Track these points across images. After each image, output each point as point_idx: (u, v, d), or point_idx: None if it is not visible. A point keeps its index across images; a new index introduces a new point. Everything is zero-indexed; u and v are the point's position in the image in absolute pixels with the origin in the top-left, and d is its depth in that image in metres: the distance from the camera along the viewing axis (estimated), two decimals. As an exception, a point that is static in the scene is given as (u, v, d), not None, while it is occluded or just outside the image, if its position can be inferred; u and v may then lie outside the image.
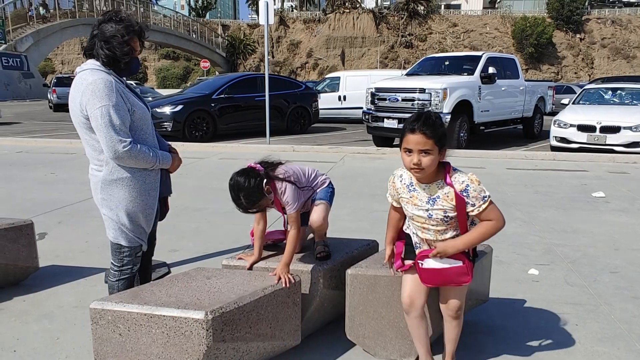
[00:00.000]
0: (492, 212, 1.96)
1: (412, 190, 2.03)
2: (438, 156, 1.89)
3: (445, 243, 2.00)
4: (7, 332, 2.70)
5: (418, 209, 2.02)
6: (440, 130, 1.88)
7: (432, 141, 1.85)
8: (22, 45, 32.76)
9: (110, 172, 2.34)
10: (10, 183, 6.64)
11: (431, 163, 1.88)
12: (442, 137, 1.88)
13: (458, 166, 2.03)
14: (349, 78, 16.62)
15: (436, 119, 1.90)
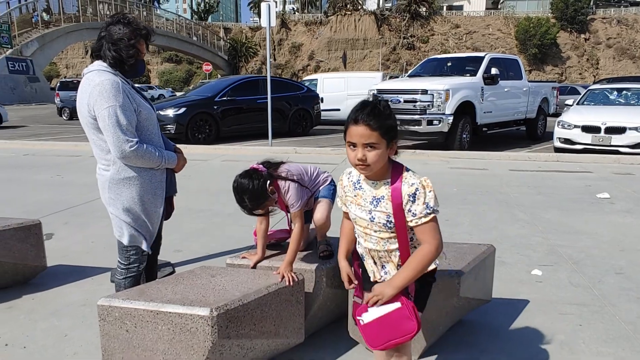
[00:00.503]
0: (431, 231, 1.66)
1: (358, 189, 1.75)
2: (386, 151, 1.63)
3: (382, 284, 1.69)
4: (17, 329, 2.75)
5: (361, 209, 1.73)
6: (388, 122, 1.62)
7: (377, 133, 1.59)
8: (28, 49, 32.99)
9: (117, 172, 2.38)
10: (18, 185, 6.72)
11: (377, 158, 1.61)
12: (389, 129, 1.62)
13: (460, 168, 2.03)
14: (327, 80, 16.89)
15: (384, 108, 1.63)
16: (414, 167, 1.74)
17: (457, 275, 2.42)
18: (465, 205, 5.54)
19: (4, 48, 31.63)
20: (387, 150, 1.64)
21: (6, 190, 6.38)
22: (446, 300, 2.44)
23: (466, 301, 2.56)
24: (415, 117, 9.46)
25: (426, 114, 9.39)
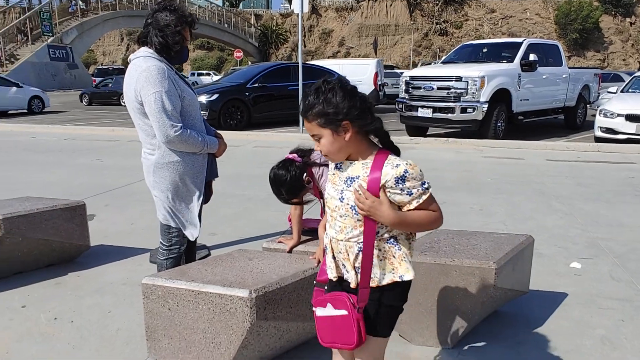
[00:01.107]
0: (434, 203, 1.53)
1: (338, 168, 1.60)
2: (341, 135, 1.47)
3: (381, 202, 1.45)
4: (65, 304, 2.89)
5: (334, 189, 1.58)
6: (320, 109, 1.45)
7: (314, 124, 1.47)
8: (68, 37, 33.90)
9: (162, 156, 2.45)
10: (61, 168, 6.98)
11: (329, 147, 1.49)
12: (323, 115, 1.45)
13: (494, 157, 1.99)
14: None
15: (319, 92, 1.46)
16: (446, 155, 1.70)
17: (495, 265, 2.39)
18: (500, 195, 5.45)
19: (46, 36, 32.59)
20: (337, 136, 1.47)
21: (51, 173, 6.64)
22: (482, 290, 2.42)
23: (503, 292, 2.53)
24: (448, 105, 9.30)
25: (460, 102, 9.22)
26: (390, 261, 1.52)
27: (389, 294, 1.54)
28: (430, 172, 6.67)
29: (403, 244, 1.53)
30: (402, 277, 1.52)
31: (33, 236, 3.22)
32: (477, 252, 2.50)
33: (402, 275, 1.52)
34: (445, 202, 5.17)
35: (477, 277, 2.38)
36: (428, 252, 2.49)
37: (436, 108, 9.48)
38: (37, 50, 31.20)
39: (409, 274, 1.52)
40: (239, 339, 2.04)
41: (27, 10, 34.93)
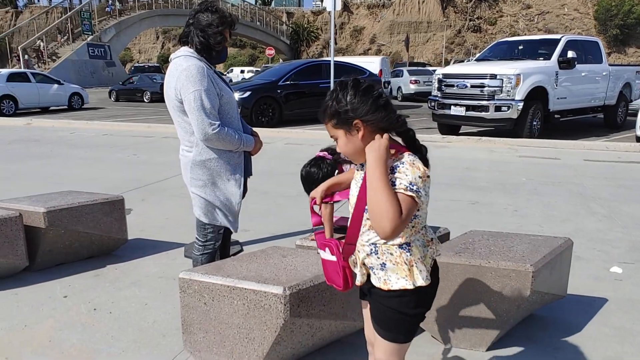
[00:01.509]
0: (403, 202, 1.34)
1: (360, 167, 1.58)
2: (350, 136, 1.45)
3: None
4: (104, 295, 2.99)
5: (355, 185, 1.56)
6: (334, 109, 1.44)
7: (330, 124, 1.47)
8: (106, 36, 34.95)
9: (199, 153, 2.50)
10: (100, 163, 7.21)
11: (345, 147, 1.48)
12: (340, 113, 1.43)
13: (529, 157, 1.92)
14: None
15: (332, 93, 1.47)
16: (479, 154, 1.66)
17: (532, 268, 2.34)
18: (535, 196, 5.32)
19: (86, 35, 33.67)
20: (350, 136, 1.45)
21: (90, 167, 6.86)
22: (518, 293, 2.37)
23: (539, 295, 2.48)
24: (482, 103, 9.13)
25: (494, 100, 9.04)
26: (401, 267, 1.48)
27: (400, 300, 1.50)
28: (463, 171, 6.57)
29: (416, 249, 1.48)
30: (414, 284, 1.48)
31: (74, 229, 3.34)
32: (513, 254, 2.45)
33: (415, 282, 1.48)
34: (478, 202, 5.09)
35: (513, 280, 2.33)
36: (463, 253, 2.46)
37: (469, 106, 9.33)
38: (77, 49, 32.28)
39: (420, 281, 1.47)
40: (273, 335, 2.07)
41: (69, 10, 36.12)
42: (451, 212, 4.71)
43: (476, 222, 4.40)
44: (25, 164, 7.21)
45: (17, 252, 3.15)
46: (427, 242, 1.52)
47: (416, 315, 1.54)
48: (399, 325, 1.54)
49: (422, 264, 1.49)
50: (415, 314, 1.53)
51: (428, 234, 1.54)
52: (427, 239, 1.52)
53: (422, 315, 1.56)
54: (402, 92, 21.56)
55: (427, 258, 1.52)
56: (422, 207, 1.44)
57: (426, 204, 1.45)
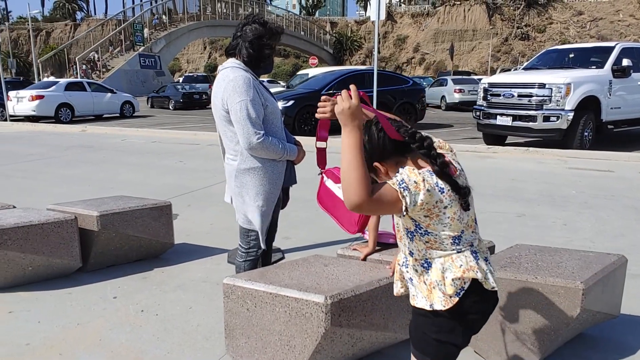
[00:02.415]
0: (384, 190, 1.29)
1: None
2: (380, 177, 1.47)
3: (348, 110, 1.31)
4: (151, 298, 3.10)
5: None
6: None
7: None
8: (157, 46, 36.44)
9: (243, 162, 2.56)
10: (148, 169, 7.50)
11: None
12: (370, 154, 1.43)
13: (580, 169, 1.85)
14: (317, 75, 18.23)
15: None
16: (526, 165, 1.61)
17: (582, 286, 2.25)
18: (586, 210, 5.11)
19: (138, 45, 35.20)
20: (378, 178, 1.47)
21: (139, 173, 7.14)
22: (567, 311, 2.28)
23: (590, 314, 2.37)
24: (529, 113, 8.88)
25: (542, 110, 8.77)
26: (422, 286, 1.47)
27: (424, 319, 1.48)
28: (509, 182, 6.39)
29: (435, 272, 1.43)
30: (432, 306, 1.43)
31: (125, 232, 3.48)
32: (562, 270, 2.37)
33: (433, 304, 1.43)
34: (524, 214, 4.94)
35: (562, 297, 2.25)
36: (508, 267, 2.39)
37: (516, 116, 9.09)
38: (129, 59, 33.77)
39: (438, 305, 1.42)
40: (313, 344, 2.08)
41: (122, 22, 37.88)
42: (496, 225, 4.60)
43: (522, 235, 4.27)
44: (80, 169, 7.58)
45: (72, 254, 3.32)
46: (456, 268, 1.41)
47: (439, 341, 1.45)
48: (425, 345, 1.49)
49: (444, 286, 1.42)
50: (437, 340, 1.46)
51: (458, 260, 1.42)
52: (455, 265, 1.41)
53: (450, 345, 1.46)
54: (446, 101, 21.25)
55: (451, 283, 1.41)
56: (431, 223, 1.38)
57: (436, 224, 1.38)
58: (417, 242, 1.44)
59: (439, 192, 1.34)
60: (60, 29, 63.50)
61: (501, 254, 2.62)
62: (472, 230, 1.45)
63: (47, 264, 3.25)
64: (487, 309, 1.51)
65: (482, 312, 1.49)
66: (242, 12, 42.86)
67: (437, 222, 1.37)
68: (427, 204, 1.33)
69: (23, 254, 3.13)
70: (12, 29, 60.67)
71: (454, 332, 1.45)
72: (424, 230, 1.40)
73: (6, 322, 2.79)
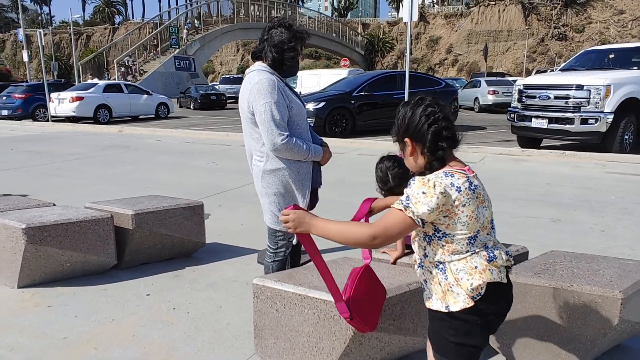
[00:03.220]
0: (386, 218, 1.41)
1: None
2: (403, 149, 1.54)
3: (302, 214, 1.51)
4: (182, 296, 3.16)
5: None
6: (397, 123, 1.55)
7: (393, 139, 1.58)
8: (192, 49, 37.23)
9: (269, 163, 2.59)
10: (182, 169, 7.67)
11: (405, 159, 1.58)
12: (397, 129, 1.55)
13: (619, 173, 1.79)
14: (305, 77, 19.31)
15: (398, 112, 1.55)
16: (562, 169, 1.58)
17: (621, 295, 2.17)
18: (626, 216, 4.92)
19: (173, 48, 36.04)
20: (404, 150, 1.54)
21: (174, 173, 7.31)
22: (604, 321, 2.20)
23: (629, 325, 2.29)
24: (566, 115, 8.62)
25: (580, 112, 8.49)
26: (436, 287, 1.49)
27: (440, 322, 1.49)
28: (544, 187, 6.23)
29: (451, 273, 1.45)
30: (447, 308, 1.45)
31: (158, 231, 3.57)
32: (599, 278, 2.29)
33: (448, 306, 1.45)
34: (560, 220, 4.80)
35: (599, 306, 2.18)
36: (543, 274, 2.33)
37: (552, 118, 8.85)
38: (165, 61, 34.58)
39: (453, 306, 1.44)
40: (341, 346, 2.08)
41: (159, 25, 38.84)
42: (530, 230, 4.48)
43: (558, 241, 4.15)
44: (117, 168, 7.81)
45: (108, 251, 3.43)
46: (471, 270, 1.44)
47: (458, 344, 1.45)
48: (444, 349, 1.50)
49: (460, 288, 1.43)
50: (456, 343, 1.45)
51: (472, 262, 1.44)
52: (470, 266, 1.44)
53: (469, 347, 1.46)
54: (479, 103, 20.88)
55: (468, 286, 1.43)
56: (450, 224, 1.41)
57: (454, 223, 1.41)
58: (434, 245, 1.46)
59: (455, 192, 1.38)
60: (100, 32, 65.66)
61: (535, 260, 2.56)
62: (487, 232, 1.48)
63: (84, 260, 3.37)
64: (503, 309, 1.51)
65: (498, 313, 1.50)
66: (275, 15, 43.28)
67: (456, 222, 1.40)
68: (444, 205, 1.38)
69: (62, 250, 3.25)
70: (55, 32, 63.11)
71: (471, 334, 1.45)
72: (442, 233, 1.44)
73: (46, 315, 2.90)
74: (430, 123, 1.45)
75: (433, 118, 1.45)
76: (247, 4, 41.88)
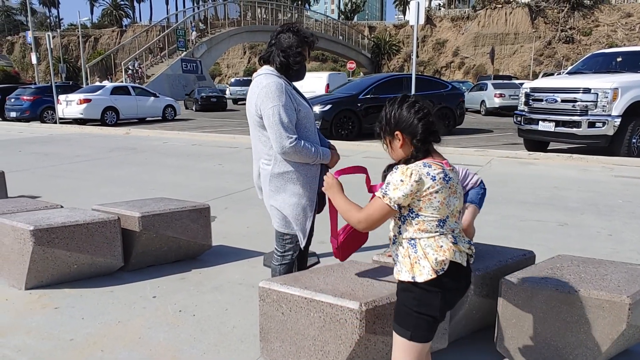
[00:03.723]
0: (370, 206, 1.68)
1: None
2: (392, 143, 1.73)
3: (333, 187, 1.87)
4: (188, 298, 3.17)
5: None
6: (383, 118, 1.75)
7: (381, 133, 1.78)
8: (199, 51, 37.38)
9: (277, 166, 2.60)
10: (189, 171, 7.69)
11: (390, 152, 1.77)
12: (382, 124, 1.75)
13: (627, 177, 1.79)
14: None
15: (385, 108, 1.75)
16: (569, 173, 1.59)
17: (629, 300, 2.16)
18: (633, 220, 4.89)
19: (180, 51, 36.20)
20: (393, 143, 1.73)
21: (180, 175, 7.34)
22: (612, 326, 2.19)
23: (637, 330, 2.27)
24: (573, 118, 8.58)
25: (587, 115, 8.45)
26: (406, 260, 1.67)
27: (406, 294, 1.69)
28: (551, 190, 6.19)
29: (420, 248, 1.65)
30: (414, 278, 1.64)
31: (165, 233, 3.58)
32: (607, 283, 2.28)
33: (414, 277, 1.64)
34: (567, 224, 4.78)
35: (606, 312, 2.16)
36: (550, 278, 2.32)
37: (559, 122, 8.81)
38: (172, 64, 34.73)
39: (419, 277, 1.63)
40: (347, 350, 2.08)
41: (166, 28, 39.05)
42: (537, 234, 4.46)
43: (565, 245, 4.13)
44: (124, 170, 7.86)
45: (114, 253, 3.45)
46: (437, 247, 1.63)
47: (419, 313, 1.65)
48: (406, 319, 1.68)
49: (427, 261, 1.63)
50: (418, 312, 1.65)
51: (440, 241, 1.64)
52: (437, 244, 1.64)
53: (430, 318, 1.65)
54: (486, 106, 20.80)
55: (433, 260, 1.62)
56: (423, 207, 1.62)
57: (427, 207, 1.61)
58: (408, 224, 1.67)
59: (430, 180, 1.60)
60: (108, 35, 66.09)
61: (542, 264, 2.55)
62: (455, 220, 1.70)
63: (90, 262, 3.39)
64: (461, 287, 1.72)
65: (457, 289, 1.71)
66: (282, 18, 43.42)
67: (429, 206, 1.62)
68: (418, 191, 1.60)
69: (69, 252, 3.27)
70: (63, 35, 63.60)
71: (432, 305, 1.65)
72: (415, 214, 1.65)
73: (53, 317, 2.92)
74: (420, 117, 1.67)
75: (422, 113, 1.68)
76: (254, 6, 42.02)
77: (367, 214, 1.67)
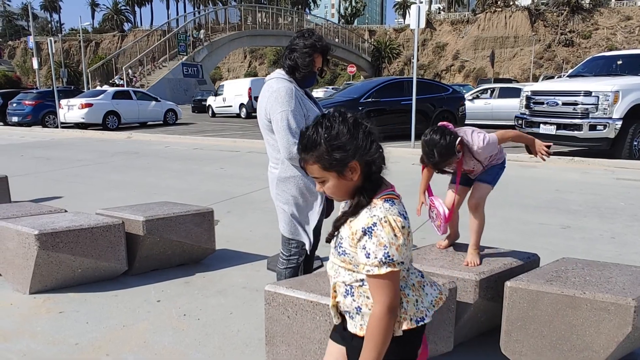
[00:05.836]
0: (383, 288, 1.26)
1: None
2: (341, 179, 1.32)
3: None
4: (193, 302, 3.17)
5: None
6: (323, 149, 1.29)
7: (317, 167, 1.33)
8: (199, 56, 37.49)
9: (283, 170, 2.61)
10: (191, 175, 7.71)
11: (334, 190, 1.35)
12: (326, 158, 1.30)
13: (629, 179, 1.79)
14: (227, 85, 24.16)
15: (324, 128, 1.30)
16: (570, 176, 1.56)
17: (634, 303, 2.16)
18: (636, 223, 4.89)
19: (181, 55, 36.29)
20: (342, 178, 1.31)
21: (182, 179, 7.35)
22: (617, 329, 2.19)
23: (642, 333, 2.27)
24: (575, 121, 8.60)
25: (588, 118, 8.47)
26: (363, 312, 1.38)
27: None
28: (553, 193, 6.20)
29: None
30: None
31: (169, 237, 3.59)
32: (611, 285, 2.28)
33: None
34: (570, 227, 4.78)
35: (611, 314, 2.16)
36: (554, 281, 2.32)
37: (560, 124, 8.83)
38: (173, 68, 34.82)
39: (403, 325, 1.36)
40: (353, 353, 2.08)
41: (167, 32, 39.18)
42: (540, 237, 4.46)
43: (568, 248, 4.13)
44: (126, 174, 7.87)
45: (119, 257, 3.45)
46: (412, 286, 1.39)
47: None
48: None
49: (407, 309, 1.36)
50: None
51: (411, 279, 1.39)
52: (410, 282, 1.39)
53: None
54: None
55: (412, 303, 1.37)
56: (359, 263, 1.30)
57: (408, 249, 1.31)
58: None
59: (406, 220, 1.30)
60: (109, 39, 66.33)
61: (547, 267, 2.55)
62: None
63: (95, 266, 3.39)
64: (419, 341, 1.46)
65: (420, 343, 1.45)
66: (282, 22, 43.54)
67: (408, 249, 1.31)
68: (409, 235, 1.29)
69: (73, 257, 3.28)
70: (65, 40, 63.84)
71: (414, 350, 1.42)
72: None
73: (57, 321, 2.93)
74: (372, 140, 1.32)
75: (372, 133, 1.34)
76: (254, 11, 42.16)
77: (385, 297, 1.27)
